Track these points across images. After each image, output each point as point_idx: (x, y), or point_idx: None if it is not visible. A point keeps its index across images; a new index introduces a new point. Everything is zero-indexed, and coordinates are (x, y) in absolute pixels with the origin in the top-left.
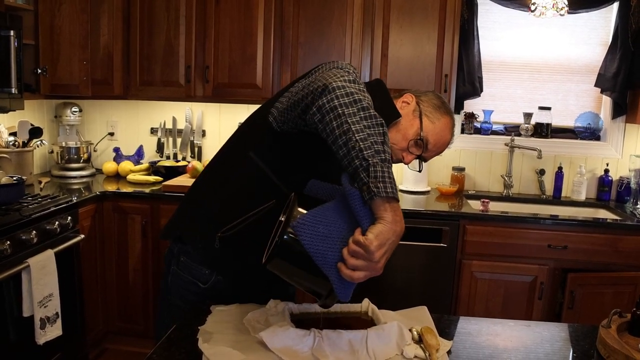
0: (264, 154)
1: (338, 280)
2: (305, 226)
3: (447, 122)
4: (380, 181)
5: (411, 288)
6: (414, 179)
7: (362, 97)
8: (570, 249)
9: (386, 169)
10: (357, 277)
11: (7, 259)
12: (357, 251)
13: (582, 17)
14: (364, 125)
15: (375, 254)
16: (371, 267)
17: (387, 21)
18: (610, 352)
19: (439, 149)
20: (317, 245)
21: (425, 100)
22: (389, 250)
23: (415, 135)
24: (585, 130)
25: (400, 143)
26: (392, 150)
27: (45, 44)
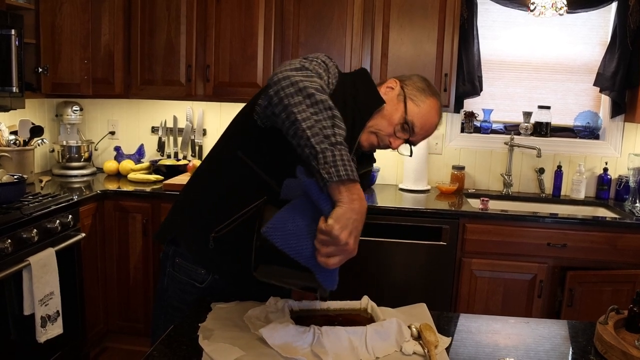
0: (251, 151)
1: (319, 271)
2: (275, 229)
3: (433, 104)
4: (331, 166)
5: (411, 286)
6: (414, 178)
7: (307, 84)
8: (569, 247)
9: (337, 152)
10: (333, 262)
11: (8, 258)
12: (324, 239)
13: (581, 16)
14: (311, 112)
15: (340, 237)
16: (342, 250)
17: (387, 20)
18: (607, 348)
19: (427, 131)
20: (289, 243)
21: (409, 83)
22: (354, 230)
23: (401, 119)
24: (585, 129)
25: (386, 129)
26: (379, 136)
27: (46, 43)
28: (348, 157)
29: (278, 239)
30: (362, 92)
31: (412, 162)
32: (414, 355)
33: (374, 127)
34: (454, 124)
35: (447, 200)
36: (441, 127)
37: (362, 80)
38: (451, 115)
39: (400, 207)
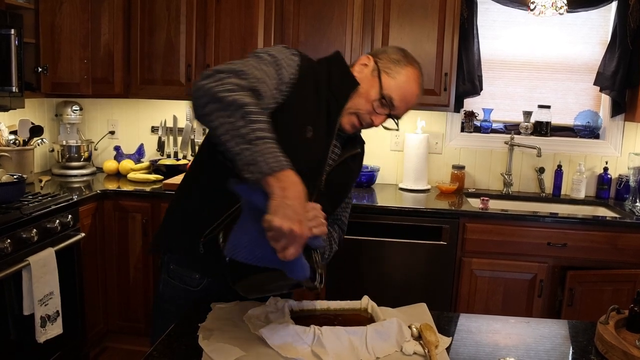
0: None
1: (285, 267)
2: (234, 247)
3: (410, 74)
4: (251, 164)
5: (411, 286)
6: (414, 178)
7: (216, 89)
8: (569, 247)
9: (256, 147)
10: (290, 253)
11: (8, 257)
12: (272, 235)
13: (581, 16)
14: (224, 117)
15: (283, 228)
16: (292, 239)
17: (387, 20)
18: (608, 348)
19: (407, 103)
20: (253, 254)
21: (383, 57)
22: (295, 215)
23: (378, 95)
24: (585, 128)
25: (364, 106)
26: (360, 115)
27: (45, 42)
28: (270, 148)
29: (240, 254)
30: (336, 76)
31: (412, 161)
32: (414, 355)
33: (352, 107)
34: (454, 123)
35: (447, 200)
36: (441, 127)
37: (336, 64)
38: (451, 115)
39: (400, 206)
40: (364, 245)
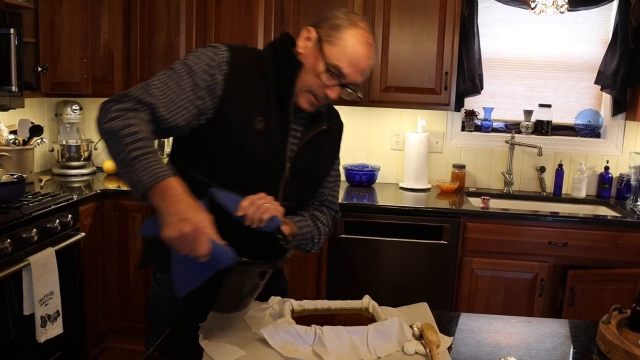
0: (188, 156)
1: (212, 264)
2: (178, 283)
3: (354, 36)
4: (133, 185)
5: (412, 285)
6: (415, 177)
7: (100, 122)
8: (570, 246)
9: (132, 169)
10: (201, 251)
11: (8, 257)
12: (177, 248)
13: (582, 14)
14: (108, 147)
15: (173, 236)
16: (190, 239)
17: (387, 19)
18: (610, 348)
19: (359, 67)
20: (193, 278)
21: (324, 25)
22: (179, 216)
23: (323, 67)
24: (586, 127)
25: (314, 82)
26: (314, 92)
27: (45, 42)
28: (145, 164)
29: (189, 285)
30: (281, 59)
31: (413, 161)
32: (415, 355)
33: (304, 86)
34: (455, 122)
35: (447, 199)
36: (442, 126)
37: (280, 46)
38: (452, 114)
39: (400, 206)
40: (364, 245)
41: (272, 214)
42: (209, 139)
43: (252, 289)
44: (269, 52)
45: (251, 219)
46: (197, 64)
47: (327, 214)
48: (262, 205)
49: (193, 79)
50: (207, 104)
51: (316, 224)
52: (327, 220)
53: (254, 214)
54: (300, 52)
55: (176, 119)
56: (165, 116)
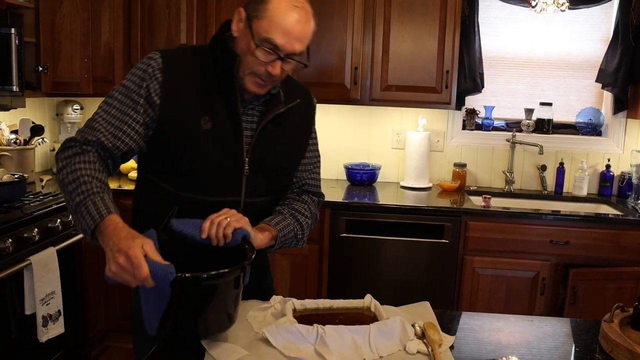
0: (150, 167)
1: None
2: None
3: (279, 2)
4: (82, 231)
5: (413, 284)
6: (416, 176)
7: (57, 177)
8: (572, 245)
9: (77, 215)
10: (141, 275)
11: (9, 257)
12: (122, 281)
13: (583, 12)
14: (62, 191)
15: (119, 275)
16: (128, 268)
17: (388, 17)
18: (612, 347)
19: (293, 34)
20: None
21: (250, 1)
22: (117, 249)
23: (255, 43)
24: (587, 125)
25: (253, 62)
26: (257, 73)
27: (46, 41)
28: (84, 209)
29: (151, 322)
30: (218, 52)
31: (414, 159)
32: (418, 354)
33: (245, 69)
34: (456, 121)
35: (448, 198)
36: (442, 125)
37: (216, 39)
38: (452, 113)
39: (401, 204)
40: (366, 244)
41: (235, 226)
42: (162, 147)
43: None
44: (210, 45)
45: (216, 237)
46: (132, 80)
47: (308, 202)
48: (222, 221)
49: (131, 98)
50: (151, 115)
51: (297, 219)
52: (309, 210)
53: (217, 233)
54: (235, 35)
55: (127, 143)
56: (116, 145)
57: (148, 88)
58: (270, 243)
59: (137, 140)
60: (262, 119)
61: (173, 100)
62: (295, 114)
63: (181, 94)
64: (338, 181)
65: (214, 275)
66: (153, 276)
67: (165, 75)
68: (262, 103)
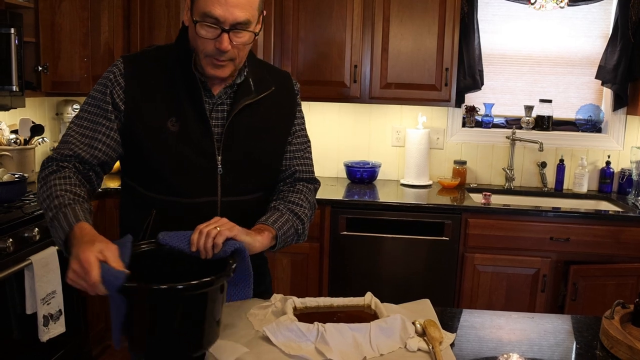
0: (127, 171)
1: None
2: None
3: None
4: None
5: (414, 282)
6: (416, 173)
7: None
8: (572, 241)
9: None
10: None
11: (10, 257)
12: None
13: (582, 9)
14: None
15: (75, 281)
16: (83, 280)
17: (387, 15)
18: (613, 343)
19: (231, 3)
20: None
21: None
22: (74, 260)
23: (196, 21)
24: (587, 122)
25: (202, 43)
26: (209, 53)
27: (46, 41)
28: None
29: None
30: (179, 51)
31: (414, 157)
32: (418, 351)
33: (200, 54)
34: (455, 118)
35: (449, 195)
36: (442, 122)
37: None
38: (452, 110)
39: (402, 202)
40: (366, 242)
41: (227, 235)
42: (134, 151)
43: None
44: (175, 43)
45: (206, 249)
46: (97, 90)
47: (303, 191)
48: (212, 231)
49: (99, 107)
50: (121, 121)
51: (295, 213)
52: (306, 200)
53: (206, 244)
54: (187, 25)
55: (104, 151)
56: (93, 155)
57: (112, 95)
58: (271, 244)
59: (114, 147)
60: (230, 113)
61: (137, 105)
62: (271, 102)
63: (145, 98)
64: (338, 179)
65: (166, 289)
66: (104, 282)
67: (127, 80)
68: (230, 96)
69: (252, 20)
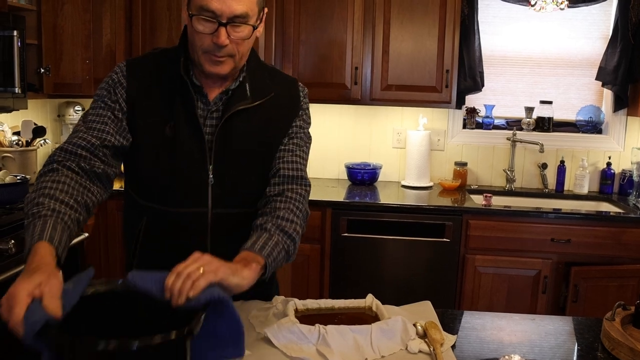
0: (130, 180)
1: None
2: None
3: None
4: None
5: (415, 283)
6: (417, 175)
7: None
8: (573, 243)
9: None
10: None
11: (11, 258)
12: None
13: (582, 10)
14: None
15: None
16: (7, 315)
17: (388, 17)
18: (614, 345)
19: None
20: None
21: None
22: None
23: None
24: (587, 123)
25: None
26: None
27: (48, 43)
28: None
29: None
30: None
31: (415, 158)
32: (419, 353)
33: (198, 50)
34: (456, 120)
35: (449, 197)
36: (443, 124)
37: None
38: (453, 112)
39: (402, 204)
40: (367, 243)
41: (211, 280)
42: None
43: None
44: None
45: (180, 293)
46: (103, 88)
47: (294, 198)
48: (193, 272)
49: (105, 103)
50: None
51: (286, 232)
52: (297, 210)
53: (183, 286)
54: (186, 24)
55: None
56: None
57: (117, 94)
58: (259, 275)
59: (123, 135)
60: (221, 119)
61: (138, 107)
62: (271, 109)
63: (146, 100)
64: (339, 181)
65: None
66: (25, 324)
67: (129, 81)
68: (225, 102)
69: (251, 13)
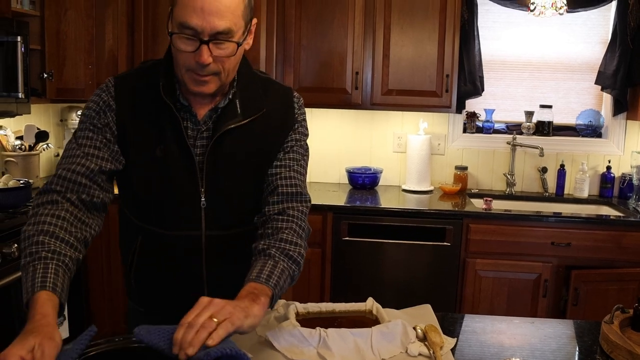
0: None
1: None
2: None
3: None
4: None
5: (415, 287)
6: (417, 179)
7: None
8: (573, 246)
9: (23, 278)
10: None
11: (15, 262)
12: None
13: (581, 15)
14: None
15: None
16: None
17: (388, 22)
18: (613, 348)
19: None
20: None
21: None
22: None
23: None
24: (587, 127)
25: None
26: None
27: (51, 49)
28: (26, 275)
29: None
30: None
31: (415, 163)
32: (419, 356)
33: (181, 69)
34: (456, 124)
35: (450, 201)
36: (443, 128)
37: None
38: (453, 116)
39: (403, 208)
40: (367, 247)
41: (228, 331)
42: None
43: None
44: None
45: (192, 344)
46: (92, 108)
47: (295, 217)
48: (208, 322)
49: (94, 125)
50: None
51: (290, 257)
52: (300, 229)
53: (197, 337)
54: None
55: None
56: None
57: (107, 117)
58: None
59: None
60: (211, 139)
61: (129, 130)
62: (264, 124)
63: (136, 122)
64: (340, 185)
65: None
66: None
67: (118, 103)
68: (215, 120)
69: (235, 28)
